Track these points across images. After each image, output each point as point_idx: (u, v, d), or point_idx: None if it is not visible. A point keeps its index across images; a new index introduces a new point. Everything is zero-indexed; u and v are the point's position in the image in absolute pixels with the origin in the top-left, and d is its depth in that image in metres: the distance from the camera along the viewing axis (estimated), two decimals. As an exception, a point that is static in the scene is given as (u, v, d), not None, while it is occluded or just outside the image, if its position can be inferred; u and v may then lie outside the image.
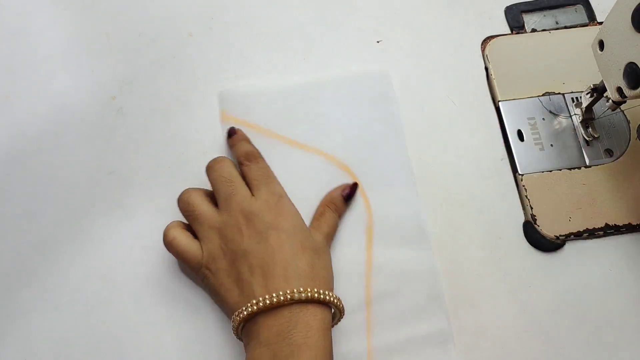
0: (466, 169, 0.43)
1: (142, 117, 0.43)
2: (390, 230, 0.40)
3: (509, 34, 0.47)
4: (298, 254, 0.34)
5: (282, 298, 0.32)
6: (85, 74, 0.44)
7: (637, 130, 0.43)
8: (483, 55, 0.46)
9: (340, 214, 0.40)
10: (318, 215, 0.39)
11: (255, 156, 0.39)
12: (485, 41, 0.47)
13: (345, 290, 0.38)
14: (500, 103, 0.44)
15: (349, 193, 0.40)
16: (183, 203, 0.37)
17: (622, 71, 0.34)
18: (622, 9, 0.33)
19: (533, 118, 0.44)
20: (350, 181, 0.41)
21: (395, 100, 0.44)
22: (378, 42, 0.47)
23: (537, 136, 0.43)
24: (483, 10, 0.48)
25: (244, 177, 0.38)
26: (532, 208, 0.41)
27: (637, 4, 0.32)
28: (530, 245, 0.41)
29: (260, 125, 0.42)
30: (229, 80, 0.44)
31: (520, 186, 0.42)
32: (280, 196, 0.37)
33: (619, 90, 0.35)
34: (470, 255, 0.40)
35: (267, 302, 0.32)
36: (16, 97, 0.43)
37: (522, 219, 0.41)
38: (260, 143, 0.41)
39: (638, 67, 0.33)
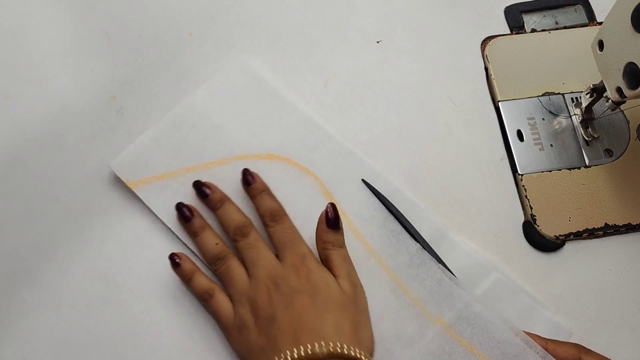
0: (466, 169, 0.43)
1: (142, 117, 0.43)
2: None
3: (509, 34, 0.47)
4: (323, 314, 0.34)
5: (309, 352, 0.31)
6: (85, 74, 0.44)
7: (636, 130, 0.43)
8: (483, 56, 0.46)
9: (340, 244, 0.37)
10: (324, 261, 0.37)
11: (280, 215, 0.37)
12: (485, 41, 0.47)
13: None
14: (500, 103, 0.44)
15: (332, 218, 0.36)
16: (216, 260, 0.37)
17: (621, 71, 0.34)
18: (621, 9, 0.33)
19: (533, 118, 0.44)
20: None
21: None
22: (378, 42, 0.47)
23: (537, 136, 0.43)
24: (483, 11, 0.48)
25: (269, 237, 0.37)
26: (531, 208, 0.41)
27: (637, 4, 0.32)
28: (530, 245, 0.41)
29: (171, 170, 0.41)
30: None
31: (520, 186, 0.42)
32: (304, 257, 0.36)
33: (619, 90, 0.35)
34: (470, 255, 0.40)
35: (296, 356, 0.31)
36: (16, 97, 0.43)
37: (521, 219, 0.41)
38: (184, 183, 0.40)
39: (638, 67, 0.33)
